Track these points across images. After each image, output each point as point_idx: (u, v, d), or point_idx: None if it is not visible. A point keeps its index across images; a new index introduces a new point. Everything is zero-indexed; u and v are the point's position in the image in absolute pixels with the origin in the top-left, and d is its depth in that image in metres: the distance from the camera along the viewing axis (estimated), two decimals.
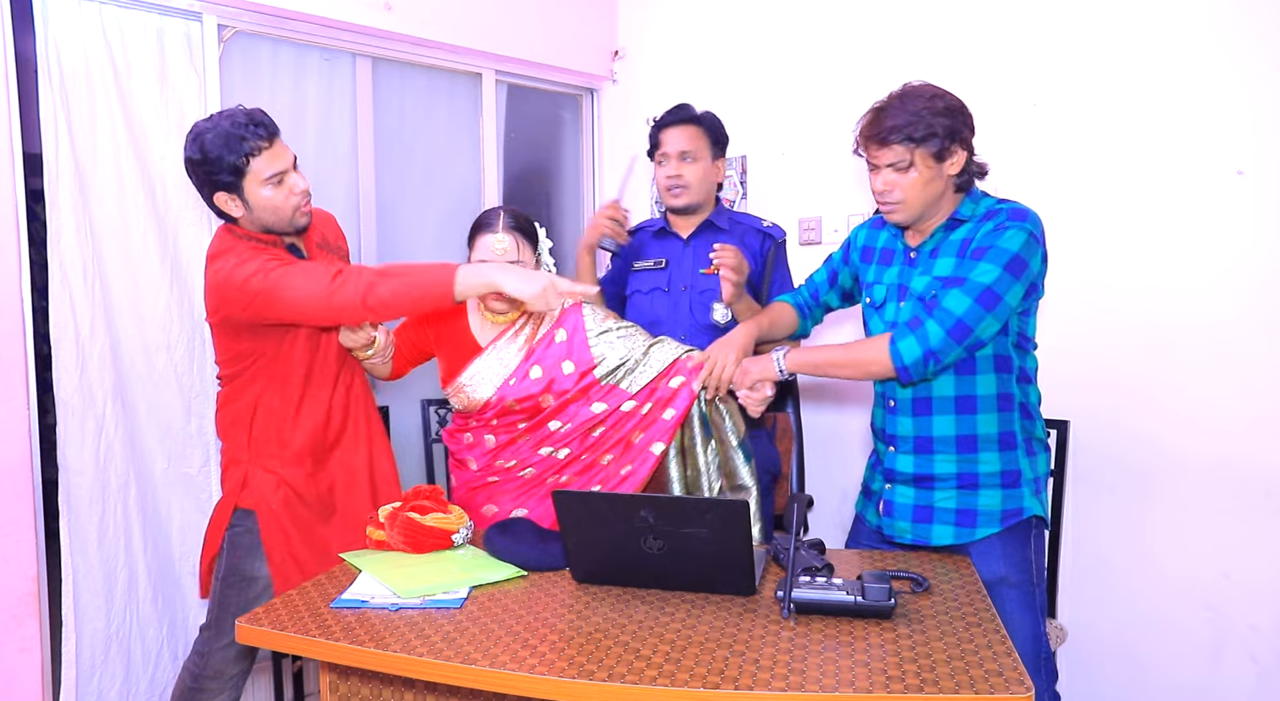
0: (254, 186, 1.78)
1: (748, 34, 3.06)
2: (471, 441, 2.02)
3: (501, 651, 1.28)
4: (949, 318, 1.62)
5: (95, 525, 2.30)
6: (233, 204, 1.81)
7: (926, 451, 1.76)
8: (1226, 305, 2.12)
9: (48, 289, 2.23)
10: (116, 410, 2.32)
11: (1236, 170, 2.10)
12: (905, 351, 1.65)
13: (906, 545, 1.80)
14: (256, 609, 1.47)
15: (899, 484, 1.81)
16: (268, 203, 1.80)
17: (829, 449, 2.88)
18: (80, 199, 2.26)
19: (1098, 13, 2.30)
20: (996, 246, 1.62)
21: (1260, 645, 2.11)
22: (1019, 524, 1.74)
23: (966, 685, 1.15)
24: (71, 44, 2.25)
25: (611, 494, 1.82)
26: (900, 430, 1.79)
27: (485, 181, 3.20)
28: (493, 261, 1.90)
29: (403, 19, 2.80)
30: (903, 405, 1.78)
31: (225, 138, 1.74)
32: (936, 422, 1.74)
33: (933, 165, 1.65)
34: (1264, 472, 2.09)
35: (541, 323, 2.01)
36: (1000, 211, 1.68)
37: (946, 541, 1.75)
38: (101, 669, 2.33)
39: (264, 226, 1.84)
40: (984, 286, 1.60)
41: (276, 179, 1.79)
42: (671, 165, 2.29)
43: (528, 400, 1.95)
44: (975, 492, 1.74)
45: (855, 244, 1.96)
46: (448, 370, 2.03)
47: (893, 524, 1.81)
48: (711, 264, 2.10)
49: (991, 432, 1.73)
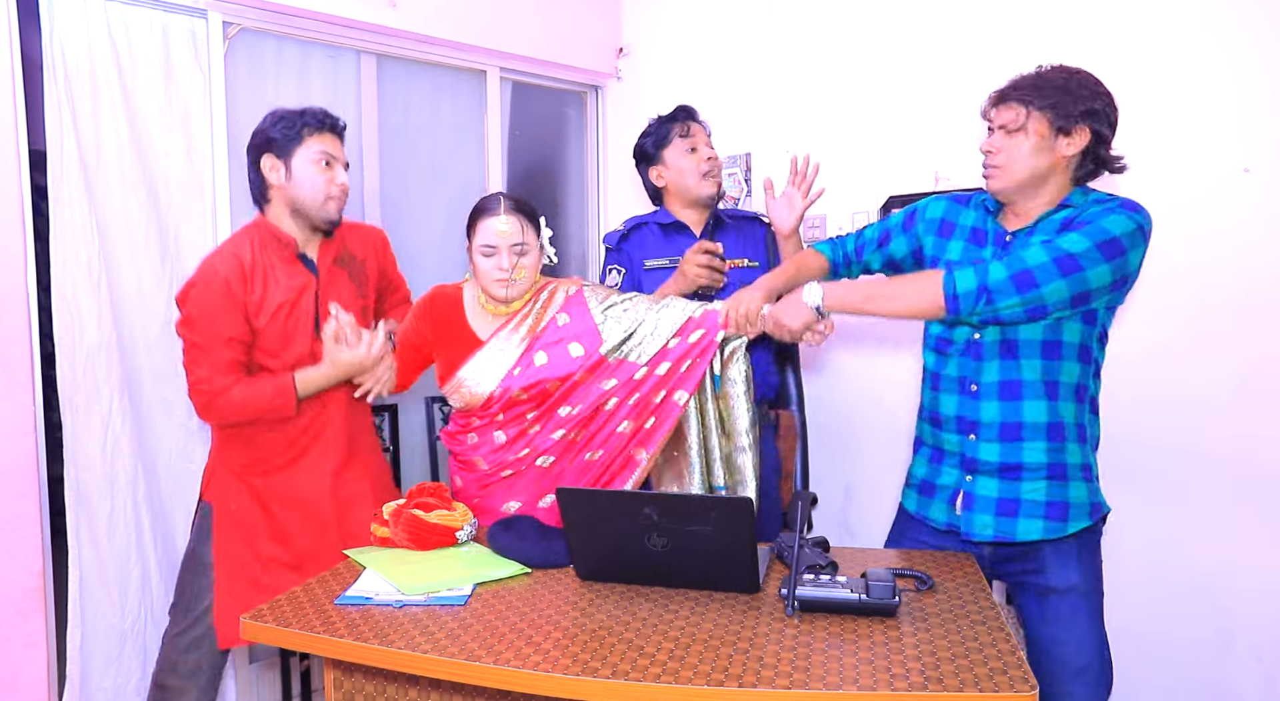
0: (302, 159, 1.88)
1: (752, 31, 3.06)
2: (477, 441, 1.95)
3: (505, 648, 1.28)
4: (1017, 263, 1.51)
5: (105, 521, 2.30)
6: (275, 172, 1.89)
7: (1015, 438, 1.65)
8: (1234, 302, 2.12)
9: (51, 286, 2.23)
10: (123, 406, 2.32)
11: (1243, 167, 2.09)
12: (961, 280, 1.54)
13: (987, 541, 1.70)
14: (261, 606, 1.47)
15: (981, 475, 1.69)
16: (308, 179, 1.88)
17: (833, 447, 2.88)
18: (84, 196, 2.26)
19: (1102, 10, 2.29)
20: (1095, 223, 1.52)
21: (1267, 643, 2.10)
22: (1099, 521, 1.69)
23: (971, 683, 1.15)
24: (76, 41, 2.25)
25: (615, 491, 1.82)
26: (985, 416, 1.67)
27: (490, 179, 3.20)
28: (495, 243, 1.86)
29: (407, 16, 2.80)
30: (987, 389, 1.66)
31: (294, 114, 1.90)
32: (1027, 408, 1.63)
33: (1046, 134, 1.55)
34: (1271, 470, 2.08)
35: (546, 310, 1.94)
36: (1113, 199, 1.59)
37: (1034, 536, 1.65)
38: (116, 664, 2.34)
39: (295, 205, 1.89)
40: (1066, 251, 1.50)
41: (324, 160, 1.90)
42: (707, 151, 2.32)
43: (534, 387, 1.88)
44: (1066, 484, 1.65)
45: (926, 214, 1.82)
46: (446, 367, 1.95)
47: (972, 518, 1.69)
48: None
49: (1072, 422, 1.65)
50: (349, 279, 2.01)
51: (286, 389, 1.87)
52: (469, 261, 1.94)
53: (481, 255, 1.88)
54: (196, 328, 1.82)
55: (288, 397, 1.87)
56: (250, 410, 1.86)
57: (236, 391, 1.84)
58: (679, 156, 2.31)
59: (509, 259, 1.86)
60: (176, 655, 1.93)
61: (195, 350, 1.83)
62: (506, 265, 1.86)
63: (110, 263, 2.31)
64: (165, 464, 2.43)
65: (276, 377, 1.87)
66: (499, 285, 1.88)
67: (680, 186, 2.32)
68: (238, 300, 1.82)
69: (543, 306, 1.95)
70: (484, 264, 1.88)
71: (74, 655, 2.27)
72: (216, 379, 1.82)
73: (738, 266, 2.28)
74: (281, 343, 1.89)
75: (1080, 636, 1.64)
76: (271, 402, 1.86)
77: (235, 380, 1.84)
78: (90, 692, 2.30)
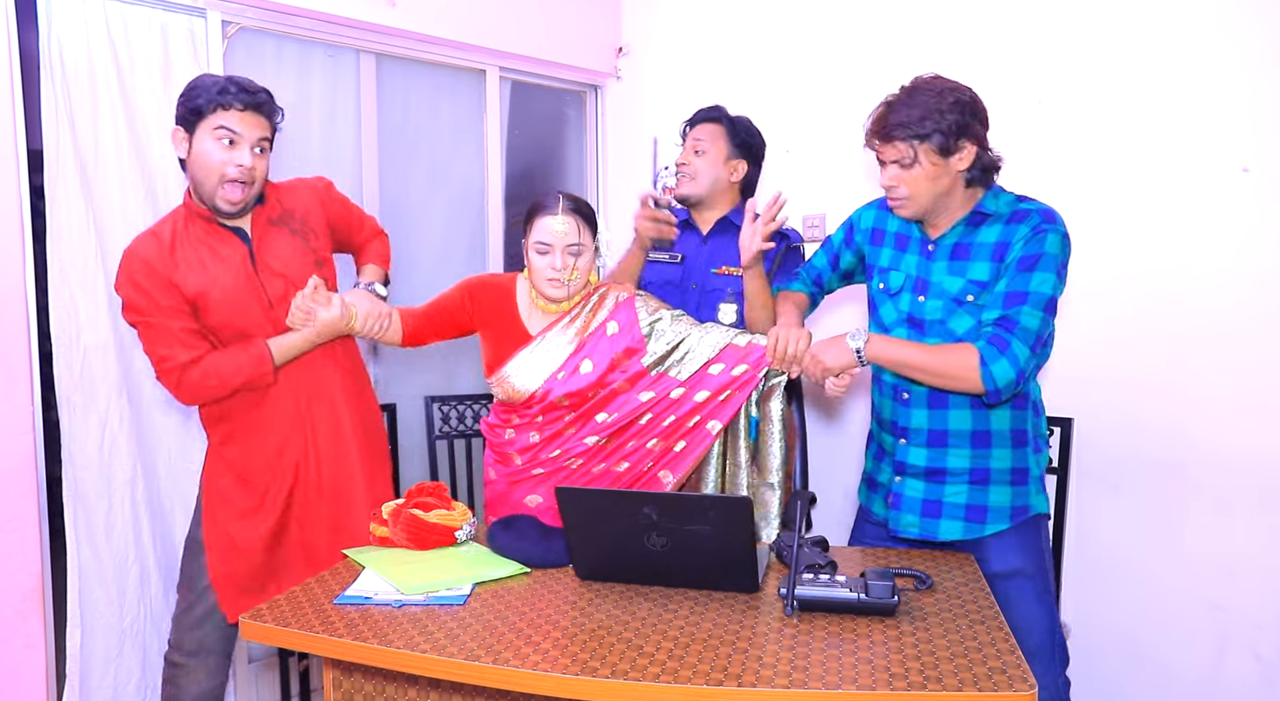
0: (204, 134, 1.77)
1: (752, 31, 3.06)
2: (514, 437, 1.96)
3: (505, 648, 1.28)
4: (1029, 336, 1.60)
5: (103, 520, 2.30)
6: (181, 145, 1.80)
7: (940, 445, 1.74)
8: (1232, 302, 2.12)
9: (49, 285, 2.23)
10: (121, 405, 2.32)
11: (1242, 167, 2.09)
12: (1000, 375, 1.60)
13: (913, 540, 1.79)
14: (260, 605, 1.47)
15: (909, 477, 1.79)
16: (206, 156, 1.77)
17: (831, 446, 2.88)
18: (82, 195, 2.26)
19: (1103, 10, 2.29)
20: (1046, 253, 1.61)
21: (1264, 642, 2.10)
22: (1027, 520, 1.74)
23: (970, 682, 1.15)
24: (75, 40, 2.25)
25: (615, 491, 1.82)
26: (914, 423, 1.76)
27: (489, 178, 3.20)
28: (550, 242, 1.85)
29: (407, 15, 2.80)
30: (917, 398, 1.75)
31: (215, 85, 1.78)
32: (953, 416, 1.73)
33: (938, 161, 1.64)
34: (1268, 469, 2.08)
35: (596, 314, 1.94)
36: (1031, 213, 1.66)
37: (955, 536, 1.74)
38: (116, 663, 2.34)
39: (194, 183, 1.81)
40: (1048, 297, 1.61)
41: (227, 138, 1.78)
42: (684, 154, 2.32)
43: (576, 395, 1.90)
44: (986, 488, 1.73)
45: (860, 225, 1.93)
46: (493, 357, 1.94)
47: (899, 517, 1.79)
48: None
49: (1005, 428, 1.72)
50: (291, 235, 1.92)
51: (263, 356, 1.83)
52: (524, 256, 1.93)
53: (536, 252, 1.88)
54: (137, 309, 1.78)
55: (264, 364, 1.83)
56: (226, 380, 1.81)
57: (207, 362, 1.80)
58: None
59: (563, 259, 1.86)
60: (181, 633, 1.94)
61: (147, 330, 1.79)
62: (560, 265, 1.86)
63: (108, 262, 2.31)
64: (164, 463, 2.43)
65: (250, 345, 1.83)
66: (551, 285, 1.88)
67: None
68: (162, 276, 1.77)
69: (593, 310, 1.95)
70: (538, 262, 1.88)
71: (73, 654, 2.27)
72: (179, 352, 1.78)
73: (732, 274, 2.26)
74: (229, 314, 1.83)
75: (1029, 617, 1.67)
76: (248, 372, 1.82)
77: (201, 352, 1.80)
78: (90, 692, 2.30)
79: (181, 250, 1.81)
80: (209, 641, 1.94)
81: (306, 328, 1.86)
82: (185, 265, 1.80)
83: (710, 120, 2.32)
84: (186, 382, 1.81)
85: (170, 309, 1.78)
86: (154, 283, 1.77)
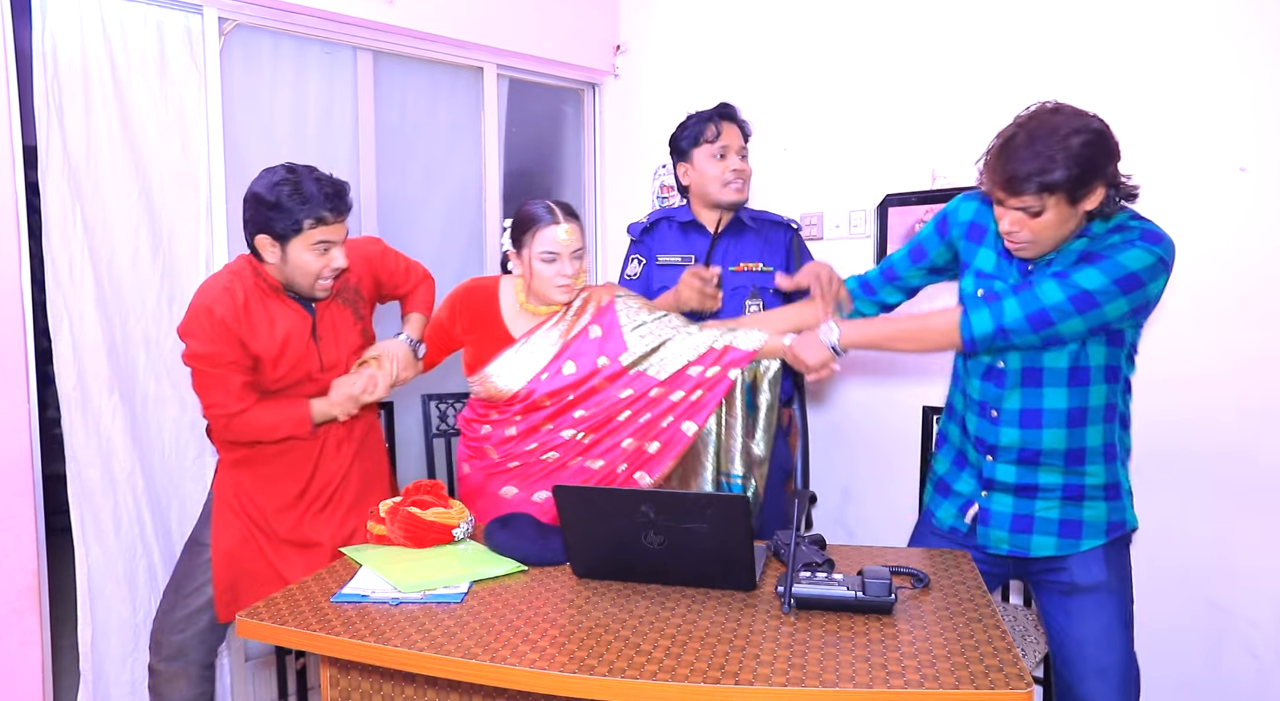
0: (300, 246, 1.81)
1: (750, 29, 3.06)
2: (490, 432, 1.99)
3: (502, 646, 1.28)
4: (1033, 302, 1.53)
5: (110, 515, 2.30)
6: (271, 251, 1.83)
7: (1032, 462, 1.66)
8: (1228, 300, 2.12)
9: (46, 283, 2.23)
10: (117, 402, 2.32)
11: (1239, 166, 2.10)
12: (977, 323, 1.56)
13: (1002, 555, 1.72)
14: (257, 603, 1.47)
15: (997, 491, 1.71)
16: (304, 265, 1.83)
17: (831, 446, 2.88)
18: (77, 192, 2.25)
19: (1100, 9, 2.29)
20: (1114, 259, 1.50)
21: (1260, 640, 2.11)
22: (1121, 536, 1.68)
23: (967, 680, 1.15)
24: (69, 36, 2.24)
25: (612, 489, 1.83)
26: (1003, 441, 1.68)
27: (486, 176, 3.19)
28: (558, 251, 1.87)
29: (404, 13, 2.80)
30: (1008, 416, 1.66)
31: (305, 196, 1.78)
32: (1047, 435, 1.64)
33: (1066, 208, 1.49)
34: (1264, 467, 2.09)
35: (580, 317, 1.98)
36: (1132, 228, 1.54)
37: (1047, 552, 1.67)
38: (133, 658, 2.34)
39: (286, 281, 1.87)
40: (1083, 289, 1.50)
41: (324, 247, 1.83)
42: (735, 160, 2.30)
43: (556, 395, 1.93)
44: (1080, 504, 1.66)
45: (957, 218, 1.77)
46: (475, 358, 1.99)
47: (988, 533, 1.72)
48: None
49: (1098, 444, 1.65)
50: (343, 306, 2.01)
51: (304, 418, 1.91)
52: (520, 267, 1.95)
53: (542, 262, 1.89)
54: (202, 359, 1.83)
55: (304, 425, 1.92)
56: (267, 433, 1.90)
57: (253, 415, 1.87)
58: (706, 160, 2.31)
59: (572, 265, 1.89)
60: (160, 635, 1.95)
61: (204, 377, 1.85)
62: (570, 271, 1.89)
63: (104, 260, 2.30)
64: (161, 459, 2.43)
65: (294, 405, 1.91)
66: (562, 291, 1.91)
67: (702, 190, 2.32)
68: (234, 335, 1.83)
69: (576, 313, 1.98)
70: (546, 271, 1.89)
71: (85, 652, 2.27)
72: (231, 403, 1.85)
73: (751, 270, 2.28)
74: (284, 376, 1.90)
75: (1103, 633, 1.61)
76: (288, 429, 1.91)
77: (250, 403, 1.87)
78: (107, 689, 2.31)
79: (255, 311, 1.87)
80: (188, 646, 1.95)
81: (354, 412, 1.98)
82: (257, 327, 1.86)
83: (740, 122, 2.36)
84: (231, 429, 1.88)
85: (233, 364, 1.84)
86: (225, 340, 1.82)
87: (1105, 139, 1.50)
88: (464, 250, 3.19)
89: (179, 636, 1.94)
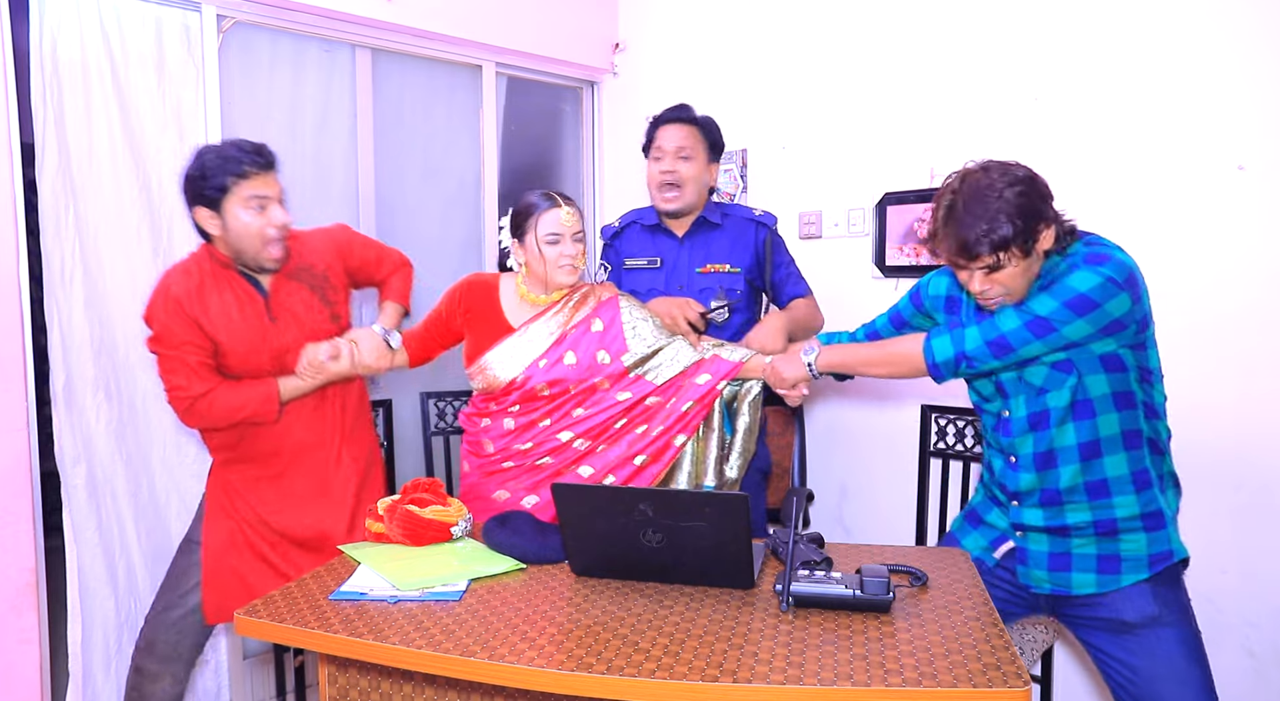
0: (234, 207, 1.83)
1: (749, 27, 3.05)
2: (489, 424, 2.00)
3: (500, 644, 1.28)
4: (992, 330, 1.59)
5: (94, 515, 2.30)
6: (212, 222, 1.85)
7: (1055, 503, 1.66)
8: (1226, 300, 2.12)
9: (44, 280, 2.22)
10: (97, 401, 2.31)
11: (1237, 165, 2.10)
12: (938, 349, 1.63)
13: (1044, 594, 1.70)
14: (255, 601, 1.47)
15: (1031, 532, 1.70)
16: (244, 227, 1.84)
17: (828, 443, 2.88)
18: (74, 190, 2.25)
19: (1099, 7, 2.29)
20: (1062, 283, 1.54)
21: (1258, 640, 2.11)
22: (1169, 568, 1.63)
23: (964, 679, 1.15)
24: (68, 34, 2.24)
25: (611, 487, 1.83)
26: (1023, 486, 1.68)
27: (485, 173, 3.19)
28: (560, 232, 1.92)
29: (403, 10, 2.80)
30: (1024, 461, 1.67)
31: (225, 157, 1.82)
32: (1064, 473, 1.63)
33: (1022, 257, 1.54)
34: (1262, 468, 2.09)
35: (579, 310, 2.00)
36: (1078, 253, 1.58)
37: (1088, 590, 1.64)
38: (116, 658, 2.35)
39: (235, 252, 1.87)
40: (1036, 314, 1.55)
41: (258, 204, 1.84)
42: (667, 161, 2.24)
43: (557, 384, 1.94)
44: (1116, 538, 1.63)
45: (929, 292, 1.84)
46: (474, 348, 2.01)
47: (1028, 573, 1.70)
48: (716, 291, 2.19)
49: (1123, 473, 1.62)
50: (309, 291, 1.99)
51: (270, 395, 1.90)
52: (521, 256, 1.98)
53: (547, 244, 1.93)
54: (162, 342, 1.86)
55: (271, 404, 1.91)
56: (232, 413, 1.89)
57: (218, 395, 1.87)
58: (650, 162, 2.30)
59: (574, 247, 1.94)
60: (155, 634, 1.96)
61: (166, 360, 1.87)
62: (572, 251, 1.94)
63: (103, 257, 2.30)
64: (158, 457, 2.43)
65: (261, 383, 1.91)
66: (565, 271, 1.94)
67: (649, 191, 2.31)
68: (189, 315, 1.84)
69: (575, 305, 2.01)
70: (551, 252, 1.93)
71: (74, 652, 2.27)
72: (194, 384, 1.86)
73: (719, 271, 2.26)
74: (241, 360, 1.90)
75: (1176, 671, 1.56)
76: (254, 407, 1.90)
77: (213, 384, 1.88)
78: (96, 688, 2.31)
79: (209, 293, 1.88)
80: (183, 647, 1.97)
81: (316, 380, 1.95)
82: (210, 308, 1.87)
83: (687, 121, 2.27)
84: (195, 411, 1.89)
85: (191, 344, 1.85)
86: (181, 319, 1.84)
87: (1036, 183, 1.55)
88: (462, 247, 3.19)
89: (175, 636, 1.95)
